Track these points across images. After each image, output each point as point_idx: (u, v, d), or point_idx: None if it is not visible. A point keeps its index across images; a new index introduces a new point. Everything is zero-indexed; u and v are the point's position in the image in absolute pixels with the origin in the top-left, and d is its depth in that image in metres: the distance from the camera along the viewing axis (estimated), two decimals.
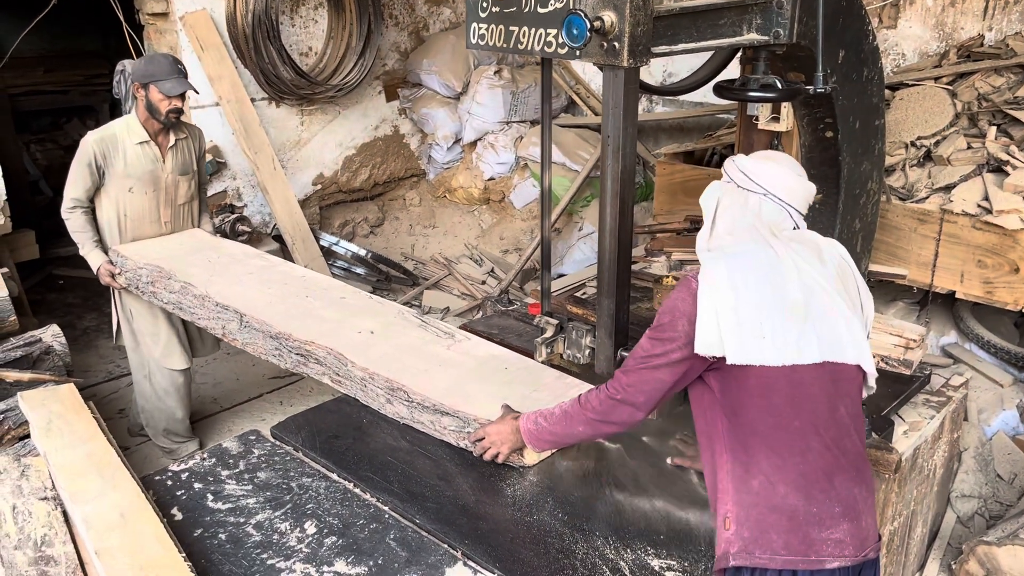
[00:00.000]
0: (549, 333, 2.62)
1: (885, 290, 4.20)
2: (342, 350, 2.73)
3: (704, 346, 1.79)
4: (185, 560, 1.82)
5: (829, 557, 1.79)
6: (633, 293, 3.71)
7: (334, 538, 2.10)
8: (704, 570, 1.99)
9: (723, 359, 1.80)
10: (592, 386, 2.35)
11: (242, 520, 2.17)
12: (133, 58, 5.32)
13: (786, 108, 3.18)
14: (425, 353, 2.77)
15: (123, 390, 4.87)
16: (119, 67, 5.51)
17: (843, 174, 3.25)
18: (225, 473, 2.38)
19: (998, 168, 3.72)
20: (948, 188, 3.80)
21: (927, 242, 3.80)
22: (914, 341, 3.02)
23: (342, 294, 3.27)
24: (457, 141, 6.89)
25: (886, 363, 3.03)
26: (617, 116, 2.22)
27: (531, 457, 2.31)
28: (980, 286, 3.70)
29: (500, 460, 2.29)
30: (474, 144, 6.78)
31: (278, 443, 2.55)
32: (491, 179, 6.70)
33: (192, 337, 4.11)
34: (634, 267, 3.96)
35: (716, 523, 1.89)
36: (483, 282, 6.12)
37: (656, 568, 1.99)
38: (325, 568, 2.00)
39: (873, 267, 3.88)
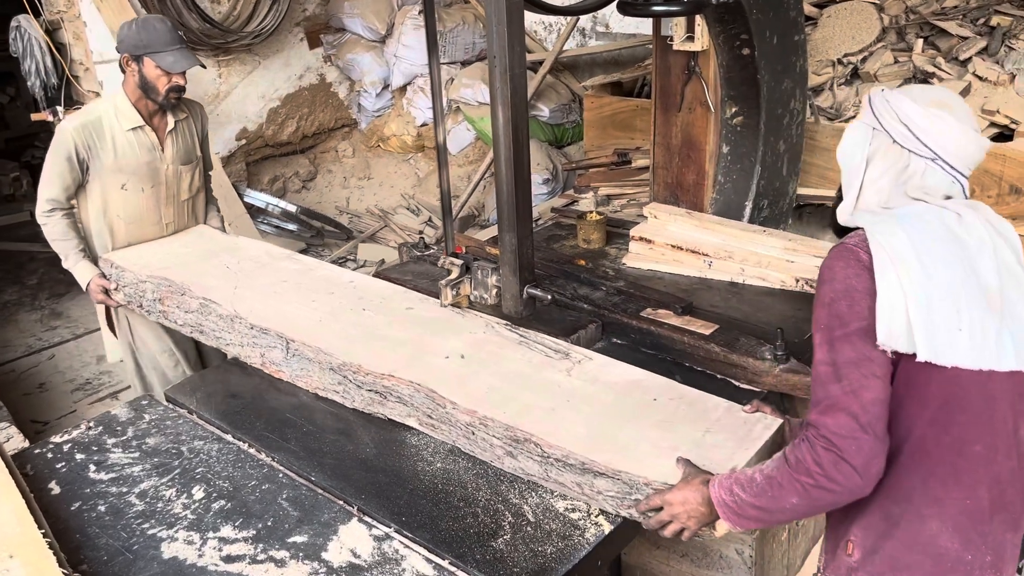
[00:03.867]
0: (454, 274, 2.48)
1: (817, 215, 4.12)
2: (433, 385, 2.12)
3: (888, 336, 1.38)
4: (46, 536, 1.68)
5: None
6: (557, 231, 3.59)
7: (223, 502, 1.98)
8: (608, 512, 1.90)
9: (904, 356, 1.40)
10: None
11: (125, 490, 2.04)
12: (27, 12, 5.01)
13: (700, 26, 3.04)
14: (542, 383, 2.15)
15: (43, 364, 4.68)
16: (13, 23, 5.20)
17: (763, 93, 3.14)
18: (111, 441, 2.23)
19: (924, 81, 3.63)
20: None
21: None
22: None
23: (406, 303, 2.61)
24: (386, 87, 6.64)
25: (811, 286, 2.95)
26: (502, 35, 2.06)
27: (723, 528, 1.68)
28: None
29: (686, 537, 1.68)
30: (404, 89, 6.54)
31: (171, 407, 2.41)
32: (424, 124, 6.49)
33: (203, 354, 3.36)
34: (560, 204, 3.83)
35: (832, 540, 1.62)
36: (420, 232, 5.95)
37: (561, 510, 1.90)
38: (210, 534, 1.88)
39: (802, 191, 3.79)
